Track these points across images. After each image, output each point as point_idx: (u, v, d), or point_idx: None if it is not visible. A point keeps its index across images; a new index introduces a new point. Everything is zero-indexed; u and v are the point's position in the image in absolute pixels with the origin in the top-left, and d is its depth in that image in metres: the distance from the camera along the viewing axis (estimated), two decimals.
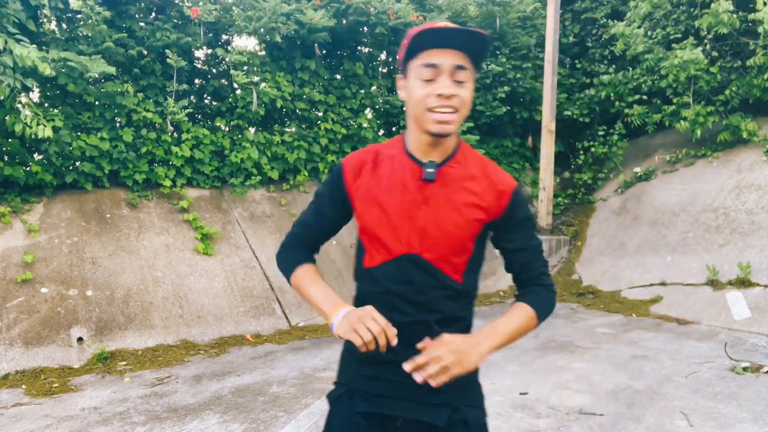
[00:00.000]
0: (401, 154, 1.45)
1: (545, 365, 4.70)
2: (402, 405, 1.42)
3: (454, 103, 1.32)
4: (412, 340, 1.36)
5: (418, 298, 1.41)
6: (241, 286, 6.01)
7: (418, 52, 1.34)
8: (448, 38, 1.31)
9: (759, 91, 7.76)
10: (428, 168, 1.40)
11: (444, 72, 1.31)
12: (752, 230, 6.72)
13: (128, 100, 6.08)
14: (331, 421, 1.49)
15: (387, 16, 7.49)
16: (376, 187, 1.44)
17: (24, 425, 3.55)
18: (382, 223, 1.42)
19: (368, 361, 1.42)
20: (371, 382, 1.44)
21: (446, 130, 1.34)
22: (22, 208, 5.53)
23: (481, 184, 1.44)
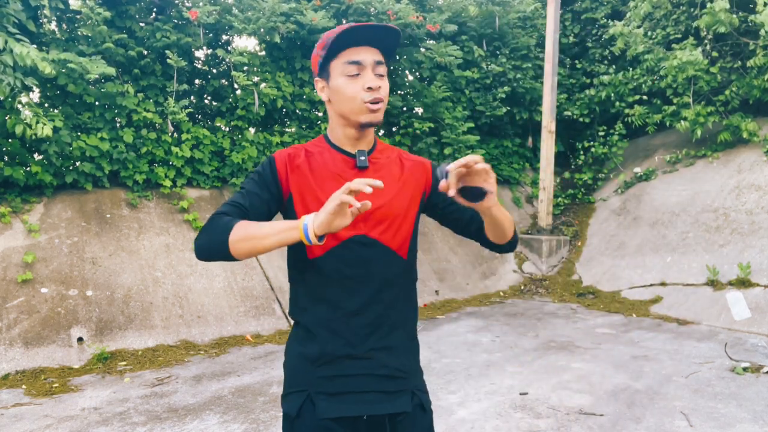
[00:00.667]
0: (329, 149, 1.50)
1: (545, 365, 4.70)
2: (365, 399, 1.43)
3: (380, 95, 1.41)
4: (369, 325, 1.41)
5: (371, 279, 1.43)
6: (241, 286, 6.01)
7: (338, 53, 1.41)
8: (367, 36, 1.39)
9: (759, 92, 7.76)
10: (360, 156, 1.47)
11: (367, 67, 1.40)
12: (752, 230, 6.72)
13: (128, 100, 6.08)
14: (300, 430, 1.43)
15: (387, 17, 7.49)
16: (313, 180, 1.46)
17: (24, 425, 3.55)
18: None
19: (325, 361, 1.42)
20: (331, 382, 1.43)
21: (377, 118, 1.43)
22: (22, 208, 5.53)
23: (405, 166, 1.55)
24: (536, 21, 10.44)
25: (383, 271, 1.45)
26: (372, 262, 1.43)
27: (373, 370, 1.43)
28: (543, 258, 8.51)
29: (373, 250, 1.44)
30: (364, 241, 1.43)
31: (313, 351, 1.43)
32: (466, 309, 6.96)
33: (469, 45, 9.32)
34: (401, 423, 1.45)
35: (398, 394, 1.46)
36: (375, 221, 1.45)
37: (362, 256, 1.43)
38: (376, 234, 1.44)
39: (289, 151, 1.51)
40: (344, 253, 1.42)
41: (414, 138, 8.52)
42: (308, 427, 1.41)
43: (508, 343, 5.40)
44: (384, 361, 1.45)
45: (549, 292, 7.73)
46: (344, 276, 1.42)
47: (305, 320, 1.46)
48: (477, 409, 3.76)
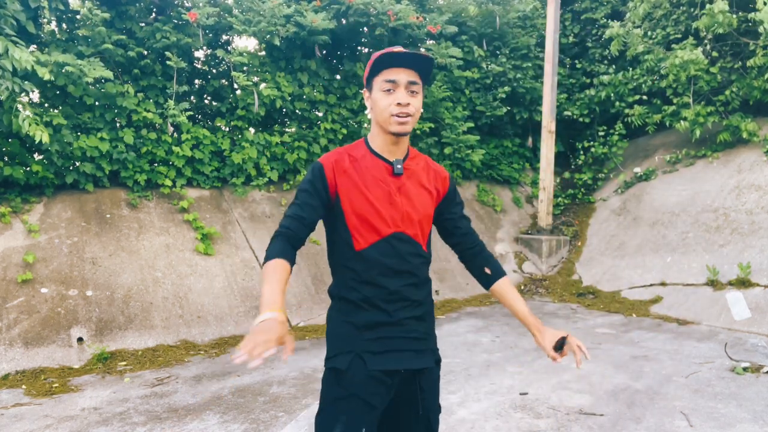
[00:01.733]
0: (370, 155, 1.80)
1: (545, 365, 4.70)
2: (402, 356, 1.77)
3: (409, 110, 1.70)
4: (403, 300, 1.77)
5: (405, 267, 1.77)
6: (241, 287, 6.01)
7: (380, 71, 1.71)
8: (403, 60, 1.69)
9: (759, 93, 7.76)
10: (397, 165, 1.78)
11: (401, 86, 1.69)
12: (752, 230, 6.72)
13: (128, 100, 6.08)
14: (349, 382, 1.72)
15: (387, 17, 7.49)
16: (358, 181, 1.76)
17: (24, 425, 3.56)
18: (371, 210, 1.74)
19: (369, 327, 1.76)
20: (376, 343, 1.75)
21: (405, 129, 1.72)
22: (22, 208, 5.53)
23: (430, 174, 1.88)
24: (536, 21, 10.44)
25: (413, 261, 1.79)
26: (406, 254, 1.77)
27: (406, 333, 1.79)
28: (543, 258, 8.51)
29: (407, 244, 1.78)
30: (401, 237, 1.77)
31: (360, 320, 1.76)
32: (466, 309, 6.96)
33: (469, 45, 9.32)
34: (424, 374, 1.82)
35: (424, 353, 1.83)
36: (409, 221, 1.78)
37: (398, 249, 1.77)
38: (410, 232, 1.78)
39: (335, 157, 1.79)
40: (385, 247, 1.75)
41: (414, 138, 8.53)
42: (360, 378, 1.72)
43: (508, 343, 5.40)
44: (414, 327, 1.80)
45: (549, 292, 7.73)
46: (384, 264, 1.75)
47: (353, 297, 1.77)
48: (477, 409, 3.76)
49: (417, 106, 1.72)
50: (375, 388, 1.73)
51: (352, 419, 1.70)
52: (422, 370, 1.81)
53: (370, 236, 1.74)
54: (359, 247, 1.75)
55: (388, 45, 8.10)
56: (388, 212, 1.75)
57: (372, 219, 1.74)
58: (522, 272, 8.38)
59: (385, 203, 1.75)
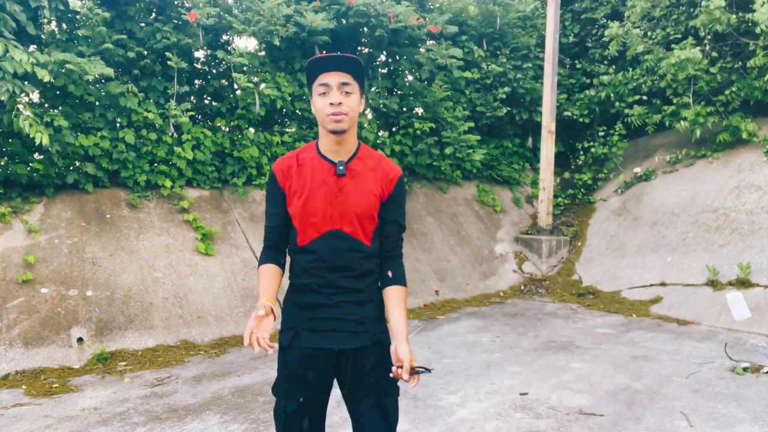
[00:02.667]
0: (317, 157, 1.95)
1: (545, 365, 4.70)
2: (337, 336, 1.93)
3: (343, 109, 1.84)
4: (341, 288, 1.93)
5: (342, 262, 1.92)
6: (241, 287, 6.01)
7: (315, 77, 1.86)
8: (331, 64, 1.83)
9: (760, 93, 7.76)
10: (339, 166, 1.92)
11: (333, 88, 1.83)
12: (752, 230, 6.72)
13: (129, 100, 6.08)
14: (289, 356, 1.95)
15: (387, 19, 7.49)
16: (302, 183, 1.93)
17: (24, 425, 3.56)
18: (311, 209, 1.90)
19: (310, 307, 1.94)
20: (314, 322, 1.94)
21: (340, 127, 1.85)
22: (22, 208, 5.53)
23: (377, 173, 1.98)
24: (536, 21, 10.44)
25: (350, 256, 1.93)
26: (342, 250, 1.92)
27: (344, 315, 1.94)
28: (543, 258, 8.51)
29: (344, 241, 1.92)
30: (338, 234, 1.92)
31: (302, 300, 1.96)
32: (466, 309, 6.96)
33: (469, 45, 9.32)
34: (363, 353, 1.95)
35: (360, 334, 1.95)
36: (347, 219, 1.92)
37: (336, 245, 1.92)
38: (348, 229, 1.92)
39: (286, 163, 1.97)
40: (322, 243, 1.92)
41: (414, 138, 8.53)
42: (296, 353, 1.94)
43: (508, 343, 5.40)
44: (352, 310, 1.95)
45: (549, 292, 7.73)
46: (322, 258, 1.91)
47: (297, 282, 1.98)
48: (477, 409, 3.76)
49: (351, 105, 1.85)
50: (308, 363, 1.92)
51: (291, 389, 1.95)
52: (359, 349, 1.94)
53: (310, 233, 1.92)
54: (301, 243, 1.94)
55: (389, 45, 8.11)
56: (327, 211, 1.90)
57: (311, 218, 1.91)
58: (522, 272, 8.38)
59: (325, 203, 1.90)
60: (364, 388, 1.96)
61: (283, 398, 1.96)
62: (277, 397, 1.99)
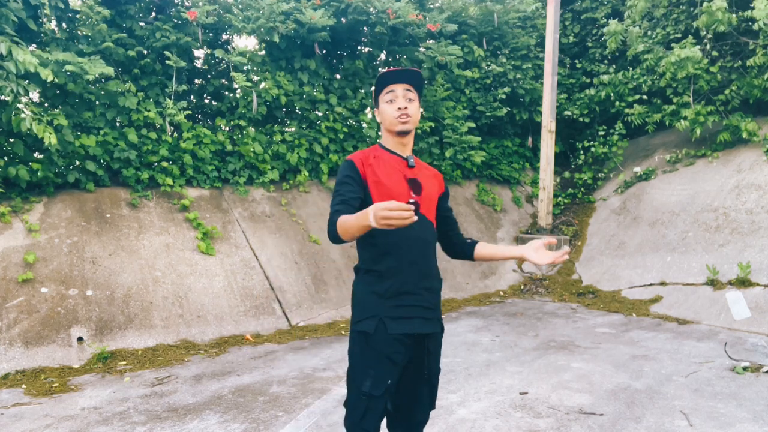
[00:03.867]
0: (387, 153, 2.20)
1: (545, 365, 4.70)
2: (416, 323, 2.10)
3: (408, 112, 2.13)
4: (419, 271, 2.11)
5: (422, 241, 2.13)
6: (241, 286, 6.01)
7: (382, 89, 2.17)
8: (397, 77, 2.15)
9: (760, 92, 7.76)
10: (410, 159, 2.20)
11: (399, 95, 2.14)
12: (752, 230, 6.72)
13: (129, 100, 6.07)
14: (375, 343, 2.06)
15: (387, 16, 7.48)
16: (381, 170, 2.14)
17: (24, 425, 3.55)
18: (392, 193, 2.09)
19: (390, 295, 2.08)
20: (397, 309, 2.08)
21: (407, 127, 2.15)
22: (22, 207, 5.53)
23: (431, 171, 2.32)
24: (536, 21, 10.44)
25: (427, 235, 2.17)
26: (421, 229, 2.10)
27: (420, 302, 2.12)
28: None
29: (421, 221, 2.10)
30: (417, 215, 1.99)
31: (383, 288, 2.08)
32: (465, 308, 6.96)
33: (469, 45, 9.32)
34: (431, 339, 2.18)
35: (433, 321, 2.18)
36: (424, 202, 2.15)
37: (415, 225, 1.90)
38: (423, 210, 2.15)
39: (361, 155, 2.19)
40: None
41: (415, 138, 8.51)
42: (384, 339, 2.06)
43: (508, 343, 5.40)
44: (426, 297, 2.14)
45: (549, 292, 7.73)
46: (403, 238, 2.06)
47: (377, 267, 2.10)
48: (477, 408, 3.76)
49: (414, 109, 2.16)
50: (396, 347, 2.06)
51: (380, 373, 2.06)
52: (431, 334, 2.16)
53: None
54: None
55: (389, 44, 8.13)
56: (406, 193, 2.11)
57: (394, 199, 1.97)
58: (522, 272, 8.38)
59: (404, 187, 2.13)
60: (423, 370, 2.16)
61: (369, 383, 2.05)
62: (358, 384, 2.07)
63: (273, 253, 6.53)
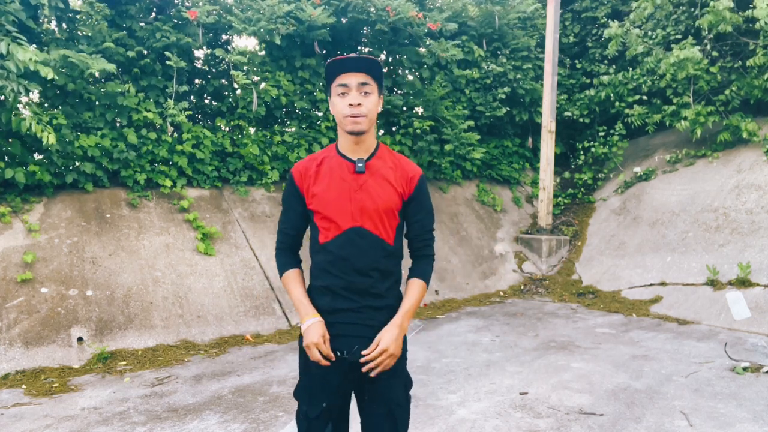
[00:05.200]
0: (336, 156, 1.97)
1: (545, 365, 4.70)
2: (350, 342, 1.93)
3: (362, 111, 1.85)
4: (361, 291, 1.92)
5: (364, 260, 1.90)
6: (241, 286, 6.01)
7: (334, 78, 1.87)
8: (350, 65, 1.84)
9: (760, 92, 7.76)
10: (359, 163, 1.93)
11: (352, 88, 1.84)
12: (752, 230, 6.72)
13: (128, 100, 6.07)
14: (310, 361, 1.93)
15: (386, 13, 7.47)
16: (322, 182, 1.93)
17: (24, 425, 3.55)
18: (331, 206, 1.90)
19: (330, 312, 1.94)
20: (334, 327, 1.94)
21: (359, 128, 1.87)
22: (22, 208, 5.53)
23: (397, 172, 1.98)
24: (536, 21, 10.44)
25: (372, 254, 1.92)
26: (365, 247, 1.91)
27: (362, 321, 1.94)
28: (543, 258, 8.51)
29: (366, 238, 1.91)
30: (359, 232, 1.90)
31: (322, 304, 1.96)
32: (466, 309, 6.96)
33: (469, 45, 9.32)
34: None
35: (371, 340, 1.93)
36: (368, 216, 1.91)
37: (357, 243, 1.90)
38: (369, 226, 1.91)
39: (304, 164, 1.98)
40: (344, 240, 1.90)
41: (414, 137, 8.52)
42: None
43: (508, 343, 5.40)
44: (375, 316, 1.95)
45: (549, 292, 7.73)
46: (343, 257, 1.90)
47: (317, 284, 1.98)
48: (477, 408, 3.76)
49: (369, 106, 1.87)
50: (331, 367, 1.91)
51: (314, 395, 1.95)
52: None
53: (331, 231, 1.91)
54: (322, 240, 1.94)
55: (389, 44, 8.11)
56: (347, 208, 1.89)
57: (332, 215, 1.90)
58: (522, 272, 8.38)
59: (344, 200, 1.90)
60: (376, 396, 1.95)
61: (306, 403, 1.96)
62: (300, 402, 1.99)
63: (273, 254, 6.52)
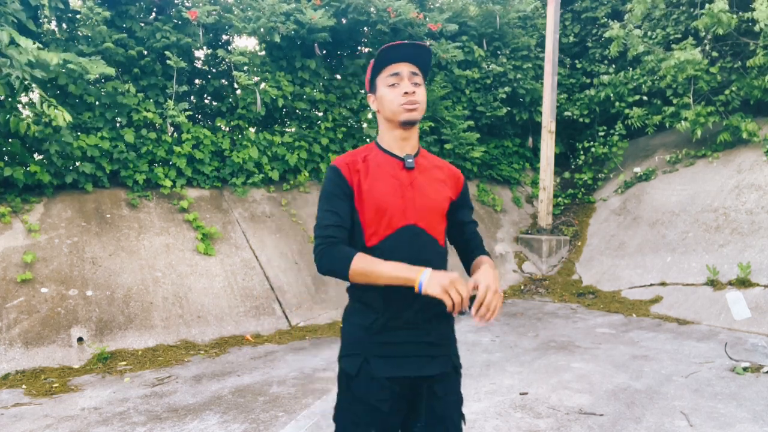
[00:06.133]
0: (381, 153, 1.80)
1: (545, 365, 4.70)
2: (409, 363, 1.71)
3: (417, 98, 1.72)
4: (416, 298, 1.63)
5: (419, 261, 1.66)
6: (241, 286, 6.01)
7: (382, 69, 1.75)
8: (403, 54, 1.72)
9: (760, 93, 7.76)
10: (408, 159, 1.78)
11: (404, 77, 1.72)
12: (752, 230, 6.72)
13: (128, 100, 6.08)
14: (357, 386, 1.71)
15: (387, 14, 7.48)
16: (370, 178, 1.75)
17: (24, 425, 3.55)
18: (382, 204, 1.71)
19: (381, 330, 1.70)
20: (386, 348, 1.70)
21: (414, 117, 1.73)
22: (22, 208, 5.53)
23: (444, 171, 1.87)
24: (536, 21, 10.44)
25: (428, 255, 1.73)
26: (419, 248, 1.73)
27: (418, 338, 1.72)
28: (543, 258, 8.51)
29: (420, 237, 1.73)
30: (413, 230, 1.73)
31: (369, 321, 1.72)
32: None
33: (469, 45, 9.32)
34: (439, 380, 1.75)
35: (440, 358, 1.75)
36: (422, 214, 1.75)
37: (412, 243, 1.72)
38: (423, 224, 1.74)
39: (348, 158, 1.79)
40: (397, 239, 1.71)
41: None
42: (367, 383, 1.69)
43: (508, 343, 5.40)
44: (427, 330, 1.73)
45: (549, 292, 7.73)
46: (396, 257, 1.66)
47: (364, 296, 1.74)
48: (477, 408, 3.76)
49: (422, 95, 1.74)
50: (382, 394, 1.68)
51: (361, 423, 1.70)
52: (436, 376, 1.74)
53: (382, 230, 1.71)
54: (371, 243, 1.72)
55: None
56: (399, 204, 1.72)
57: (383, 213, 1.71)
58: (522, 272, 8.38)
59: (397, 197, 1.72)
60: (433, 417, 1.75)
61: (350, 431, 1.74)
62: (342, 429, 1.77)
63: (273, 254, 6.53)
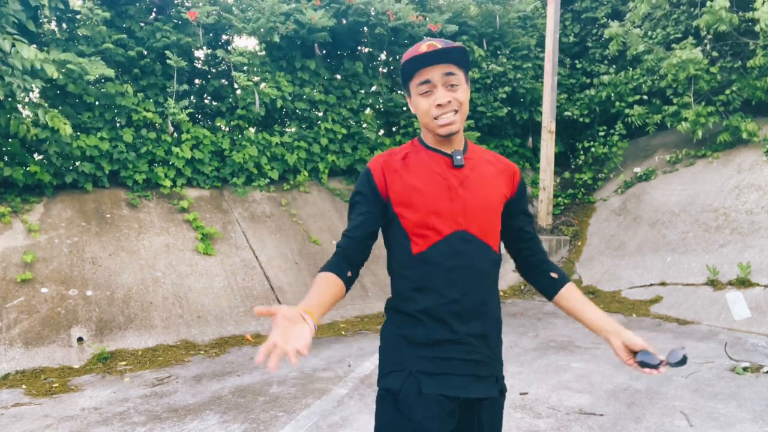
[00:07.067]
0: (425, 150, 1.61)
1: (545, 365, 4.70)
2: (461, 382, 1.54)
3: (453, 107, 1.53)
4: (466, 312, 1.53)
5: (470, 270, 1.53)
6: (241, 286, 6.01)
7: (412, 75, 1.54)
8: (430, 58, 1.50)
9: (761, 93, 7.76)
10: (456, 155, 1.58)
11: (437, 84, 1.51)
12: (752, 230, 6.72)
13: (128, 100, 6.08)
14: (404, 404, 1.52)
15: (387, 17, 7.49)
16: (412, 179, 1.57)
17: (24, 425, 3.55)
18: (428, 208, 1.54)
19: (425, 344, 1.54)
20: (430, 363, 1.53)
21: (451, 130, 1.54)
22: (22, 208, 5.53)
23: (497, 166, 1.66)
24: (536, 21, 10.44)
25: (480, 264, 1.56)
26: (470, 255, 1.54)
27: (467, 355, 1.54)
28: None
29: (472, 244, 1.55)
30: (464, 237, 1.54)
31: (415, 335, 1.54)
32: None
33: (469, 45, 9.32)
34: (486, 405, 1.58)
35: (487, 379, 1.58)
36: (473, 217, 1.56)
37: (462, 250, 1.54)
38: (475, 230, 1.55)
39: (384, 158, 1.62)
40: (446, 247, 1.53)
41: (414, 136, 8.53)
42: (415, 399, 1.51)
43: (508, 343, 5.40)
44: (478, 348, 1.56)
45: None
46: (446, 268, 1.52)
47: (409, 308, 1.56)
48: None
49: (461, 99, 1.53)
50: (431, 411, 1.50)
51: None
52: (484, 400, 1.57)
53: (429, 237, 1.54)
54: (417, 250, 1.55)
55: (389, 44, 8.10)
56: (449, 209, 1.53)
57: (429, 217, 1.54)
58: None
59: (445, 199, 1.54)
60: None
61: None
62: None
63: (273, 254, 6.53)
